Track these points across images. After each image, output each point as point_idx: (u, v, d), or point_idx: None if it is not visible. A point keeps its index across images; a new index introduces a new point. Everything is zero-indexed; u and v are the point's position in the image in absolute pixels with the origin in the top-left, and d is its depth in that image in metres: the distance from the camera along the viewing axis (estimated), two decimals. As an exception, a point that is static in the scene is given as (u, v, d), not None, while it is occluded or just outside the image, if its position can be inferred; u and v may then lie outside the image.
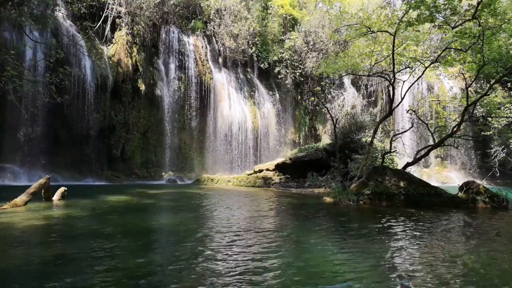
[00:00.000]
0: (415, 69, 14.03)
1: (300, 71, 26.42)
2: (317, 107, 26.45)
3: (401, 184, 10.26)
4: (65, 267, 3.84)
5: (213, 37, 24.43)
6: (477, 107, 14.58)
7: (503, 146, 19.99)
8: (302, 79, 26.86)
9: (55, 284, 3.38)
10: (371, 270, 3.95)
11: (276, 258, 4.30)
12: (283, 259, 4.31)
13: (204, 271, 3.82)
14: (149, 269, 3.84)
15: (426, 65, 12.96)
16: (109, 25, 19.82)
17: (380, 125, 15.47)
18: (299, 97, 27.63)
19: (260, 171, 18.67)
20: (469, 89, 12.70)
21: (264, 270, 3.83)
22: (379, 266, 4.11)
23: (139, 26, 20.80)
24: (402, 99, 13.46)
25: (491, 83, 12.46)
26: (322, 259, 4.33)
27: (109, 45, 19.91)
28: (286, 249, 4.80)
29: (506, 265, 4.33)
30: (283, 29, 27.29)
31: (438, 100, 25.88)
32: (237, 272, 3.74)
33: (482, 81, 22.09)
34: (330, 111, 14.56)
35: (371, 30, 12.46)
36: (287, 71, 26.36)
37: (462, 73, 14.37)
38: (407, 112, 15.22)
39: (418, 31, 12.25)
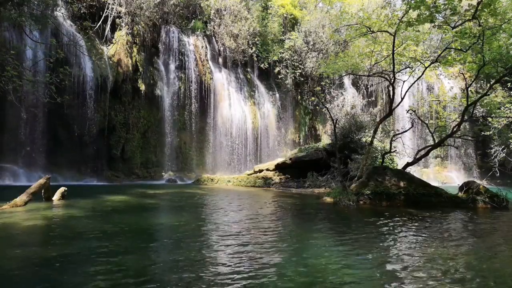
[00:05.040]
0: (415, 69, 14.04)
1: (300, 71, 26.40)
2: (317, 107, 26.44)
3: (401, 184, 10.25)
4: (65, 268, 3.84)
5: (213, 37, 24.42)
6: (477, 107, 14.58)
7: (503, 146, 19.98)
8: (302, 79, 26.85)
9: (55, 284, 3.38)
10: (371, 270, 3.95)
11: (276, 258, 4.29)
12: (283, 259, 4.31)
13: (205, 271, 3.82)
14: (149, 269, 3.84)
15: (426, 65, 12.96)
16: (109, 25, 19.81)
17: (380, 125, 15.46)
18: (299, 97, 27.63)
19: (260, 171, 18.67)
20: (469, 89, 12.70)
21: (264, 270, 3.83)
22: (379, 267, 4.10)
23: (139, 26, 20.79)
24: (402, 99, 13.47)
25: (491, 83, 12.47)
26: (322, 260, 4.32)
27: (109, 45, 19.90)
28: (286, 249, 4.80)
29: (507, 265, 4.33)
30: (283, 29, 27.28)
31: (438, 100, 25.87)
32: (237, 272, 3.74)
33: (482, 81, 22.10)
34: (330, 111, 14.55)
35: (371, 30, 12.46)
36: (287, 71, 26.35)
37: (462, 73, 14.38)
38: (407, 112, 15.21)
39: (418, 31, 12.25)
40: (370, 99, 26.35)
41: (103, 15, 19.40)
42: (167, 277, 3.64)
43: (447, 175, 26.09)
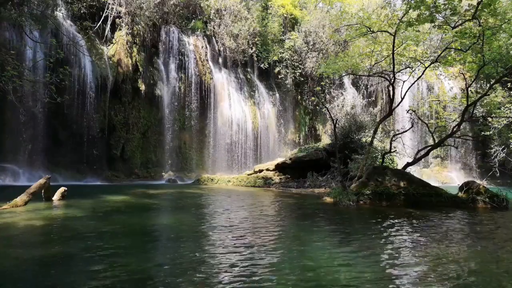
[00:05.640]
0: (415, 69, 14.04)
1: (300, 71, 26.41)
2: (317, 107, 26.44)
3: (401, 184, 10.25)
4: (65, 268, 3.84)
5: (213, 37, 24.42)
6: (477, 107, 14.59)
7: (503, 146, 20.00)
8: (302, 79, 26.85)
9: (55, 284, 3.38)
10: (370, 271, 3.95)
11: (276, 259, 4.29)
12: (283, 259, 4.31)
13: (205, 271, 3.82)
14: (149, 270, 3.84)
15: (426, 65, 12.96)
16: (109, 25, 19.80)
17: (380, 125, 15.45)
18: (299, 97, 27.63)
19: (260, 171, 18.66)
20: (469, 89, 12.70)
21: (264, 270, 3.83)
22: (381, 267, 4.10)
23: (139, 26, 20.79)
24: (402, 99, 13.46)
25: (491, 83, 12.47)
26: (322, 260, 4.33)
27: (109, 45, 19.90)
28: (286, 250, 4.80)
29: (507, 265, 4.33)
30: (283, 29, 27.28)
31: (438, 100, 25.89)
32: (237, 273, 3.74)
33: (482, 81, 22.11)
34: (330, 111, 14.55)
35: (371, 30, 12.46)
36: (287, 71, 26.35)
37: (462, 73, 14.37)
38: (407, 112, 15.20)
39: (418, 31, 12.25)
40: (370, 99, 26.35)
41: (103, 15, 19.40)
42: (168, 277, 3.64)
43: (447, 175, 26.09)
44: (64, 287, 3.30)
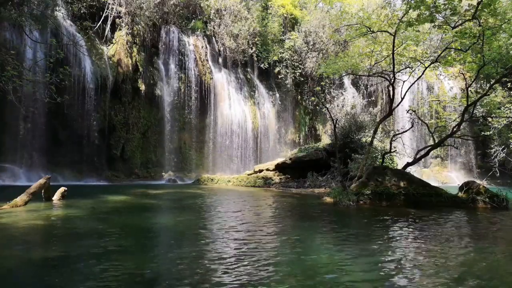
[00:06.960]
0: (415, 69, 14.03)
1: (300, 71, 26.41)
2: (317, 107, 26.45)
3: (401, 184, 10.25)
4: (65, 268, 3.84)
5: (213, 37, 24.43)
6: (477, 107, 14.58)
7: (503, 146, 20.00)
8: (302, 79, 26.86)
9: (55, 284, 3.38)
10: (371, 271, 3.95)
11: (276, 259, 4.29)
12: (283, 259, 4.31)
13: (205, 271, 3.82)
14: (149, 270, 3.84)
15: (426, 65, 12.96)
16: (109, 25, 19.81)
17: (380, 125, 15.45)
18: (299, 97, 27.63)
19: (260, 171, 18.66)
20: (469, 89, 12.70)
21: (264, 271, 3.83)
22: (379, 267, 4.10)
23: (139, 26, 20.80)
24: (402, 99, 13.46)
25: (491, 83, 12.47)
26: (322, 260, 4.32)
27: (109, 45, 19.90)
28: (286, 249, 4.80)
29: (507, 265, 4.33)
30: (283, 29, 27.29)
31: (438, 100, 25.90)
32: (237, 273, 3.74)
33: (482, 81, 22.11)
34: (330, 111, 14.56)
35: (371, 30, 12.46)
36: (287, 71, 26.36)
37: (462, 73, 14.37)
38: (407, 112, 15.21)
39: (418, 31, 12.25)
40: (370, 99, 26.37)
41: (103, 15, 19.40)
42: (167, 278, 3.64)
43: (447, 175, 26.09)
44: (64, 287, 3.30)
